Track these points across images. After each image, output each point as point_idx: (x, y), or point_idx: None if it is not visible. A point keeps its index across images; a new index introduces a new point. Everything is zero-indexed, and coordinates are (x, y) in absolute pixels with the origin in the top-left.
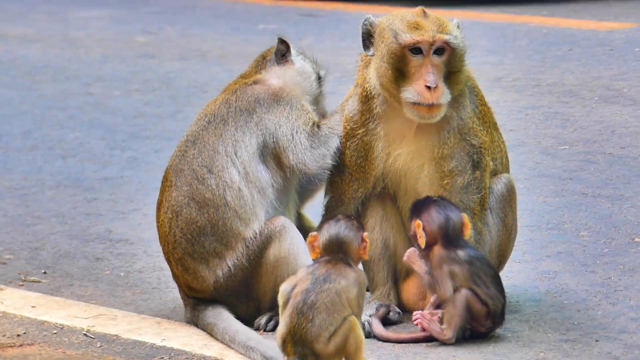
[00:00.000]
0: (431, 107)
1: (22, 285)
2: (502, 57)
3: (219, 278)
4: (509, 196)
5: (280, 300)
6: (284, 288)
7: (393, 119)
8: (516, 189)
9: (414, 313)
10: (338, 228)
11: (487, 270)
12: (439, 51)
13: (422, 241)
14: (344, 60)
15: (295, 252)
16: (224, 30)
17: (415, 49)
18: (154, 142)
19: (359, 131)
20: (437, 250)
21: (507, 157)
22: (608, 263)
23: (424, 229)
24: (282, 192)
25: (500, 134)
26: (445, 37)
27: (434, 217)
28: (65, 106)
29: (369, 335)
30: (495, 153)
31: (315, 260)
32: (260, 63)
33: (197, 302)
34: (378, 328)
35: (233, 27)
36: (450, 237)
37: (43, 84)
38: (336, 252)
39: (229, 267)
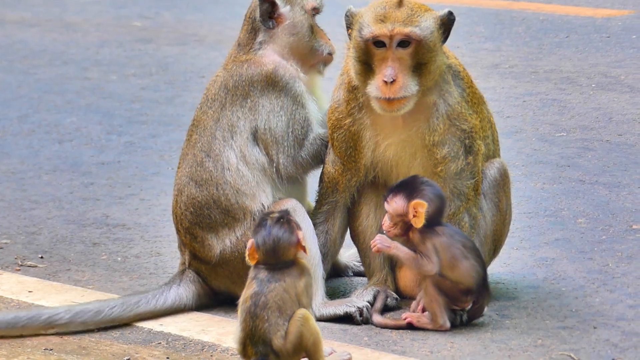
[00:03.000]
0: (391, 100)
1: (19, 269)
2: (499, 44)
3: (226, 247)
4: (502, 181)
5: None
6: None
7: None
8: (510, 174)
9: (403, 315)
10: (272, 236)
11: (466, 242)
12: (404, 43)
13: (418, 221)
14: (342, 46)
15: (303, 235)
16: (221, 15)
17: (378, 42)
18: (151, 127)
19: (346, 121)
20: (420, 228)
21: (496, 131)
22: (606, 250)
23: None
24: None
25: (488, 109)
26: (406, 30)
27: (432, 197)
28: (63, 90)
29: (367, 321)
30: (486, 130)
31: (255, 266)
32: (253, 24)
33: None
34: (375, 315)
35: (230, 12)
36: (440, 216)
37: (40, 68)
38: (273, 261)
39: (237, 237)
